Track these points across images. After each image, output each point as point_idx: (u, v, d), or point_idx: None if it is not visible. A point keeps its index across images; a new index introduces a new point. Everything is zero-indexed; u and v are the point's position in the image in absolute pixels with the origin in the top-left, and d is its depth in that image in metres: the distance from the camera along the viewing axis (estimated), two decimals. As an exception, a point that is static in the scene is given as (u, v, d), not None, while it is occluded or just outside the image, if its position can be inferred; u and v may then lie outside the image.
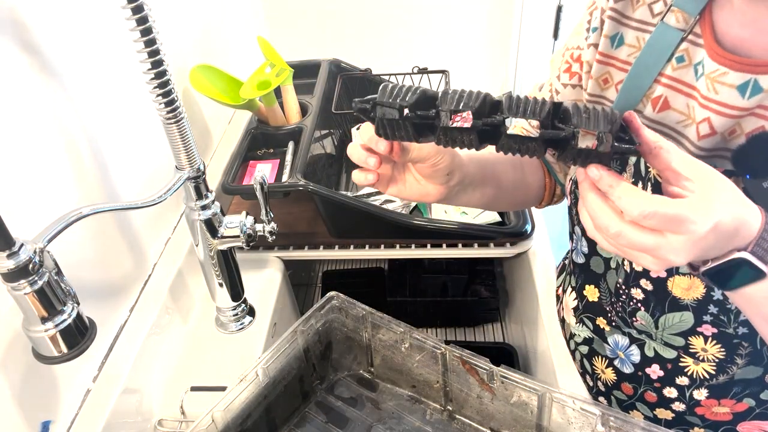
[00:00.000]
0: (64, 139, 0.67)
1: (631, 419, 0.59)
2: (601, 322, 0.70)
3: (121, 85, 0.80)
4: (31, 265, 0.51)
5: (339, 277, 1.33)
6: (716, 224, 0.41)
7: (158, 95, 0.62)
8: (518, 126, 0.73)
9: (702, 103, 0.53)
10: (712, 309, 0.57)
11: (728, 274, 0.45)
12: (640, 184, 0.58)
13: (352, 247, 0.99)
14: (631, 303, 0.64)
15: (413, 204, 1.05)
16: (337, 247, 0.99)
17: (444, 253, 0.98)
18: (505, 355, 1.07)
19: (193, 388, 0.76)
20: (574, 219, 0.70)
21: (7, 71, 0.58)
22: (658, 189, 0.55)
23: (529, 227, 0.95)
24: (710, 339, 0.59)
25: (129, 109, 0.81)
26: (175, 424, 0.74)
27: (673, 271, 0.58)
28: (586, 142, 0.43)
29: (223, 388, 0.71)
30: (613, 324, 0.68)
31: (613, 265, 0.65)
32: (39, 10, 0.63)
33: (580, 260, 0.71)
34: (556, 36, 1.70)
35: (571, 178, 0.68)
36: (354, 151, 0.56)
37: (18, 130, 0.59)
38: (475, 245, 0.97)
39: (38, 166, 0.62)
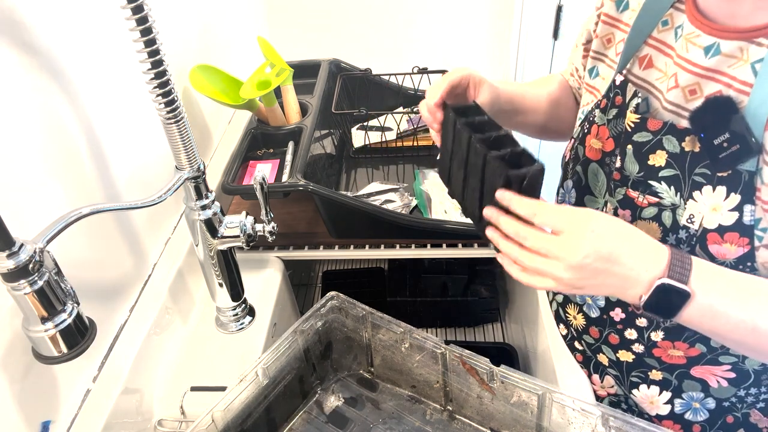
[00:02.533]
0: (64, 139, 0.67)
1: (631, 419, 0.59)
2: None
3: (121, 85, 0.80)
4: (31, 265, 0.51)
5: (339, 277, 1.33)
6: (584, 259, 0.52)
7: (158, 95, 0.62)
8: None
9: (675, 61, 0.60)
10: None
11: (663, 303, 0.52)
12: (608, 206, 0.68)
13: (352, 247, 0.99)
14: None
15: (413, 204, 1.05)
16: (337, 247, 0.99)
17: (444, 253, 0.98)
18: (505, 355, 1.07)
19: (193, 388, 0.76)
20: (568, 173, 0.75)
21: (7, 71, 0.58)
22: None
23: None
24: None
25: (129, 109, 0.82)
26: (175, 424, 0.74)
27: (636, 215, 0.63)
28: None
29: (223, 388, 0.71)
30: None
31: None
32: (39, 10, 0.63)
33: None
34: (556, 36, 1.70)
35: (574, 137, 0.75)
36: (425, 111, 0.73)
37: (18, 130, 0.59)
38: (475, 245, 0.97)
39: (39, 166, 0.62)
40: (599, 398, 0.80)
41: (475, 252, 0.97)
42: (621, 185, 0.64)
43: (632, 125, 0.62)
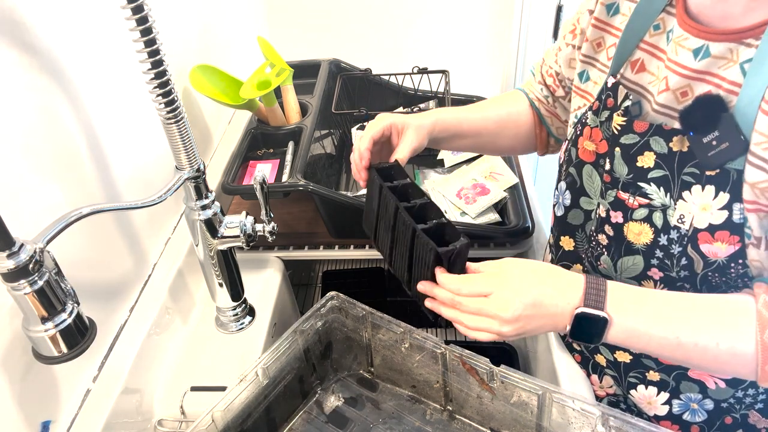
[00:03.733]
0: (64, 139, 0.67)
1: (631, 419, 0.59)
2: (576, 269, 0.76)
3: (121, 85, 0.80)
4: (31, 265, 0.51)
5: (339, 277, 1.33)
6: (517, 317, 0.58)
7: (158, 95, 0.62)
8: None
9: (666, 64, 0.60)
10: (659, 253, 0.62)
11: (586, 330, 0.57)
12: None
13: (352, 247, 0.99)
14: (598, 248, 0.70)
15: (413, 204, 1.05)
16: (337, 247, 0.99)
17: (444, 253, 0.97)
18: (505, 355, 1.07)
19: (193, 388, 0.76)
20: (562, 174, 0.76)
21: (7, 71, 0.58)
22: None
23: (529, 227, 0.95)
24: (659, 283, 0.64)
25: (129, 109, 0.82)
26: (175, 424, 0.74)
27: (628, 217, 0.64)
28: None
29: (223, 388, 0.71)
30: (586, 269, 0.74)
31: (592, 216, 0.71)
32: (39, 10, 0.63)
33: (560, 213, 0.76)
34: (556, 36, 1.70)
35: (567, 139, 0.75)
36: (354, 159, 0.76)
37: (18, 130, 0.59)
38: (475, 245, 0.97)
39: (39, 166, 0.62)
40: (598, 398, 0.80)
41: (475, 252, 0.97)
42: (612, 187, 0.65)
43: (619, 128, 0.62)
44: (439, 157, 1.17)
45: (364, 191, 1.09)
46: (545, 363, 0.85)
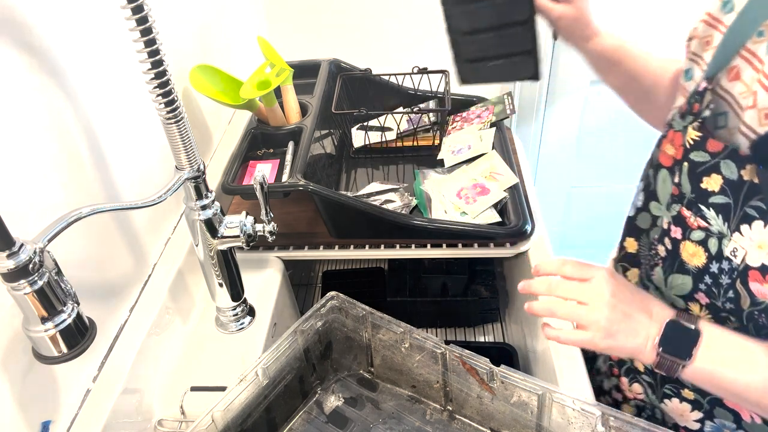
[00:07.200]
0: (64, 139, 0.67)
1: (631, 419, 0.59)
2: (632, 273, 0.75)
3: (121, 85, 0.80)
4: (31, 265, 0.51)
5: (339, 277, 1.33)
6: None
7: (158, 95, 0.62)
8: None
9: (760, 78, 0.53)
10: (707, 279, 0.59)
11: (676, 340, 0.57)
12: None
13: (352, 247, 0.99)
14: (656, 258, 0.68)
15: (413, 204, 1.05)
16: (337, 247, 0.99)
17: (444, 253, 0.98)
18: (505, 355, 1.07)
19: (193, 388, 0.76)
20: (642, 174, 0.74)
21: (7, 71, 0.58)
22: None
23: (529, 227, 0.95)
24: (704, 308, 0.62)
25: (129, 109, 0.82)
26: (175, 424, 0.74)
27: (686, 235, 0.61)
28: None
29: (223, 388, 0.71)
30: (642, 276, 0.73)
31: (658, 223, 0.69)
32: (39, 10, 0.63)
33: (631, 213, 0.74)
34: (556, 36, 1.69)
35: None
36: None
37: (18, 130, 0.59)
38: (475, 245, 0.97)
39: (38, 166, 0.62)
40: (626, 399, 0.79)
41: (475, 252, 0.97)
42: (677, 201, 0.61)
43: (691, 142, 0.57)
44: (439, 157, 1.17)
45: (364, 191, 1.10)
46: (545, 363, 0.85)
